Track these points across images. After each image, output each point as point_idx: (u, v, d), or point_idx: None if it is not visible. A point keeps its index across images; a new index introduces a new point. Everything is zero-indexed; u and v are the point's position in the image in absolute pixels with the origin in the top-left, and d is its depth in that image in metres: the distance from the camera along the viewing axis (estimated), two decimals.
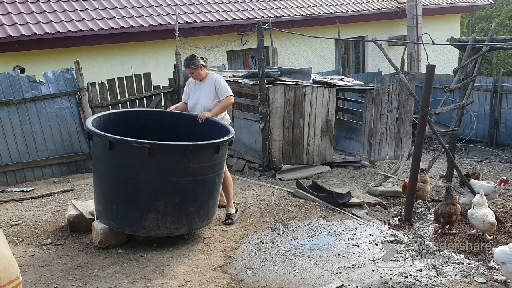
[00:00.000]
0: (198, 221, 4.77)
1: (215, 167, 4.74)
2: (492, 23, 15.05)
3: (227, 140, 4.79)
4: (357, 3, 13.28)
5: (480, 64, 7.59)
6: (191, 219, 4.69)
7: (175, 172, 4.49)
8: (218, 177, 4.91)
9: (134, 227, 4.58)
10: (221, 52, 11.02)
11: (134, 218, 4.54)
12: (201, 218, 4.79)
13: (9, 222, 5.46)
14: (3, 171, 7.40)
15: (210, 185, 4.78)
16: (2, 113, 7.30)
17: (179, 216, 4.63)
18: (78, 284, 3.98)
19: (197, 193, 4.66)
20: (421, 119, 5.70)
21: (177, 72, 8.91)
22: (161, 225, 4.56)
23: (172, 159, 4.47)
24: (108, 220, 4.66)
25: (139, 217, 4.51)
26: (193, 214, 4.69)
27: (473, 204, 5.26)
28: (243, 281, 4.17)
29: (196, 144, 4.52)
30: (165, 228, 4.60)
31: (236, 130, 8.46)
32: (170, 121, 5.46)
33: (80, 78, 7.79)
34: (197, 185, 4.64)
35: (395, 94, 8.71)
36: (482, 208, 5.14)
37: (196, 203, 4.67)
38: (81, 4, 9.77)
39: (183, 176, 4.51)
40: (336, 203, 6.17)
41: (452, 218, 5.36)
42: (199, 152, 4.57)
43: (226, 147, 4.95)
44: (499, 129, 11.22)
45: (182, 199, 4.57)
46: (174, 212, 4.59)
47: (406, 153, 7.59)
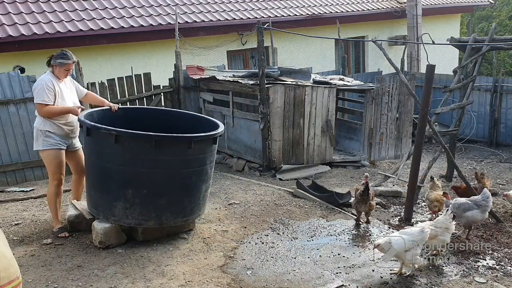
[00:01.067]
0: (170, 216, 4.73)
1: (190, 163, 4.66)
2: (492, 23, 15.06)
3: (200, 137, 4.68)
4: (357, 3, 13.28)
5: (480, 64, 7.58)
6: (161, 213, 4.67)
7: (142, 163, 4.51)
8: (197, 175, 4.76)
9: (106, 213, 4.73)
10: (221, 52, 11.01)
11: (106, 204, 4.69)
12: (174, 214, 4.74)
13: (9, 222, 5.46)
14: (3, 171, 7.40)
15: (186, 182, 4.70)
16: (2, 113, 7.30)
17: (148, 208, 4.64)
18: (78, 284, 3.98)
19: (167, 187, 4.64)
20: (421, 119, 5.70)
21: (177, 72, 8.92)
22: (129, 214, 4.63)
23: (139, 149, 4.49)
24: (90, 206, 4.82)
25: (109, 204, 4.66)
26: (164, 208, 4.67)
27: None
28: (243, 281, 4.17)
29: (163, 135, 4.50)
30: (133, 218, 4.65)
31: (236, 130, 8.56)
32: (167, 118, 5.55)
33: (80, 78, 7.78)
34: (167, 179, 4.61)
35: (395, 94, 8.71)
36: None
37: (167, 198, 4.65)
38: (81, 4, 9.77)
39: (151, 167, 4.52)
40: (336, 203, 6.17)
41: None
42: (168, 145, 4.56)
43: (205, 145, 4.75)
44: (499, 129, 11.22)
45: (150, 191, 4.58)
46: (142, 203, 4.61)
47: (406, 153, 7.59)
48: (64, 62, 4.94)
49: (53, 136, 4.95)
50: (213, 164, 5.07)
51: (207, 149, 4.79)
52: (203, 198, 4.97)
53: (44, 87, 4.84)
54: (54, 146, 4.96)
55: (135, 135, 4.47)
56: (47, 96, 4.83)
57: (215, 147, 4.95)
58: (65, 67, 4.97)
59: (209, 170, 4.93)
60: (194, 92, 9.21)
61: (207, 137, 4.74)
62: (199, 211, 5.01)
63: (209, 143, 4.81)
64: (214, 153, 5.03)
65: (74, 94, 5.22)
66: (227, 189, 6.85)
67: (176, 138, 4.62)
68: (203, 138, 4.70)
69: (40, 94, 4.84)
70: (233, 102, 8.45)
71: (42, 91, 4.83)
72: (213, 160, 5.01)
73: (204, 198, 5.02)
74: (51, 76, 4.96)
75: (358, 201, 5.51)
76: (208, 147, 4.81)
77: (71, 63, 4.99)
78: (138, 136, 4.48)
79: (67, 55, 4.98)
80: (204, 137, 4.72)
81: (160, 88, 8.87)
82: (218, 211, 5.85)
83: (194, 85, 9.17)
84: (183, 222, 4.92)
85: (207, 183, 4.98)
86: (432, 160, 6.96)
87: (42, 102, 4.83)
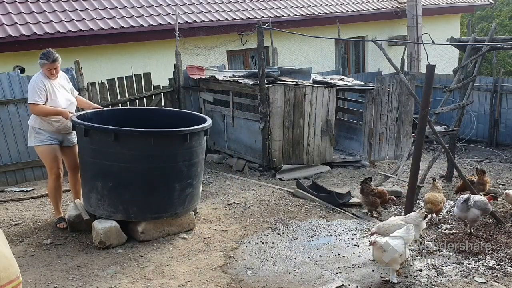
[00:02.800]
0: (137, 211, 4.75)
1: (154, 159, 4.63)
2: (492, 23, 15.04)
3: (162, 132, 4.69)
4: (357, 3, 13.28)
5: (480, 64, 7.58)
6: (128, 207, 4.73)
7: (106, 156, 4.65)
8: (166, 172, 4.72)
9: (86, 203, 5.02)
10: (221, 52, 11.01)
11: (85, 194, 5.00)
12: (141, 210, 4.75)
13: (9, 222, 5.46)
14: (3, 171, 7.40)
15: (151, 177, 4.69)
16: (2, 113, 7.30)
17: (115, 201, 4.73)
18: (78, 284, 3.98)
19: (131, 181, 4.67)
20: (421, 119, 5.70)
21: (177, 72, 8.91)
22: (101, 205, 4.78)
23: (103, 142, 4.64)
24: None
25: (87, 195, 4.89)
26: (129, 202, 4.71)
27: None
28: (243, 281, 4.16)
29: (122, 129, 4.63)
30: (104, 209, 4.78)
31: (236, 130, 8.56)
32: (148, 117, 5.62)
33: (80, 78, 7.79)
34: (130, 174, 4.65)
35: (395, 94, 8.71)
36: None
37: (131, 192, 4.68)
38: (81, 4, 9.77)
39: (115, 161, 4.62)
40: (336, 203, 6.17)
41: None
42: (130, 139, 4.62)
43: (171, 141, 4.69)
44: (499, 129, 11.22)
45: (116, 184, 4.69)
46: (110, 196, 4.72)
47: (406, 153, 7.59)
48: (42, 62, 4.98)
49: (43, 133, 5.05)
50: (195, 163, 4.91)
51: (177, 146, 4.72)
52: (179, 197, 4.85)
53: (35, 87, 4.93)
54: (45, 142, 5.08)
55: (97, 128, 4.69)
56: (38, 96, 4.91)
57: (190, 145, 4.79)
58: (46, 67, 4.98)
59: (184, 168, 4.80)
60: (194, 92, 9.21)
61: (171, 133, 4.71)
62: (175, 210, 4.89)
63: (178, 139, 4.71)
64: (192, 151, 4.86)
65: (68, 92, 5.24)
66: (227, 189, 6.85)
67: (133, 132, 4.67)
68: (166, 134, 4.70)
69: (32, 94, 4.94)
70: (233, 102, 8.44)
71: (34, 91, 4.92)
72: (190, 159, 4.84)
73: (181, 198, 4.88)
74: (42, 76, 5.01)
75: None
76: (179, 144, 4.72)
77: (49, 63, 4.96)
78: (99, 130, 4.68)
79: (46, 55, 4.98)
80: (167, 132, 4.72)
81: (160, 88, 8.87)
82: (218, 211, 5.84)
83: (194, 85, 9.17)
84: (154, 219, 4.86)
85: (183, 181, 4.84)
86: (432, 160, 6.96)
87: (33, 102, 4.93)
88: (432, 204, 5.66)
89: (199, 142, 4.94)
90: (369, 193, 6.01)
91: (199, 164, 5.05)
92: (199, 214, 5.59)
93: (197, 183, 5.07)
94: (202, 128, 4.92)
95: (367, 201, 6.02)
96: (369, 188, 6.03)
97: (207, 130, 5.06)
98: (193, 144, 4.84)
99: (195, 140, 4.84)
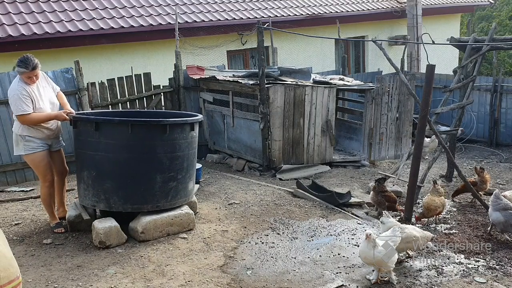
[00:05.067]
0: (118, 201, 4.78)
1: (133, 148, 4.69)
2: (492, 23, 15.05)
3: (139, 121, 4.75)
4: (357, 3, 13.28)
5: (480, 64, 7.58)
6: (109, 197, 4.78)
7: (88, 146, 4.78)
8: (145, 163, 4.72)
9: (78, 193, 5.20)
10: (221, 52, 11.02)
11: (77, 185, 5.16)
12: (121, 199, 4.78)
13: (9, 222, 5.46)
14: (3, 171, 7.40)
15: (130, 167, 4.71)
16: (2, 113, 7.30)
17: (98, 190, 4.81)
18: (78, 284, 3.98)
19: (111, 170, 4.74)
20: (421, 119, 5.70)
21: (177, 72, 8.92)
22: (87, 195, 4.88)
23: (85, 132, 4.80)
24: None
25: (78, 185, 5.11)
26: (111, 192, 4.77)
27: None
28: (243, 281, 4.16)
29: (103, 118, 4.82)
30: (89, 199, 4.89)
31: (236, 130, 8.56)
32: None
33: (80, 78, 7.79)
34: (110, 162, 4.73)
35: (395, 94, 8.71)
36: None
37: (111, 181, 4.75)
38: (81, 4, 9.77)
39: (96, 150, 4.73)
40: (336, 203, 6.17)
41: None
42: (109, 129, 4.72)
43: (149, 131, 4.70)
44: (499, 129, 11.22)
45: (98, 174, 4.77)
46: (94, 185, 4.81)
47: (406, 153, 7.59)
48: (21, 71, 4.70)
49: (34, 140, 4.89)
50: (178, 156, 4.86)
51: (156, 137, 4.74)
52: (161, 190, 4.84)
53: (19, 96, 4.65)
54: (37, 150, 4.92)
55: (81, 119, 4.90)
56: (26, 105, 4.68)
57: (171, 137, 4.78)
58: (25, 76, 4.71)
59: (165, 160, 4.80)
60: (194, 92, 9.21)
61: (148, 123, 4.77)
62: (157, 202, 4.87)
63: (157, 130, 4.73)
64: (174, 144, 4.82)
65: (50, 92, 5.05)
66: (227, 189, 6.85)
67: (112, 121, 4.84)
68: (143, 123, 4.75)
69: (17, 104, 4.66)
70: (233, 102, 8.45)
71: (19, 101, 4.65)
72: (172, 151, 4.82)
73: (164, 191, 4.87)
74: (23, 82, 4.74)
75: None
76: (158, 135, 4.74)
77: (29, 71, 4.67)
78: (83, 120, 4.87)
79: (24, 63, 4.67)
80: (144, 122, 4.78)
81: (160, 88, 8.87)
82: (218, 211, 5.85)
83: (194, 85, 9.17)
84: (134, 210, 4.86)
85: (165, 174, 4.82)
86: (432, 160, 6.96)
87: (23, 113, 4.69)
88: (428, 210, 5.66)
89: (183, 136, 4.92)
90: (379, 192, 6.05)
91: (185, 158, 4.98)
92: (199, 214, 5.59)
93: (182, 178, 5.00)
94: (184, 121, 4.92)
95: (375, 199, 6.09)
96: (381, 188, 6.08)
97: (193, 124, 5.02)
98: (175, 136, 4.84)
99: (177, 132, 4.85)
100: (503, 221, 5.04)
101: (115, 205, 4.81)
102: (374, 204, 6.21)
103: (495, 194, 5.22)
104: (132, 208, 4.85)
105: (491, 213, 5.19)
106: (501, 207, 5.09)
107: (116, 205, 4.81)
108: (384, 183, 6.22)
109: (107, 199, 4.80)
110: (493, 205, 5.16)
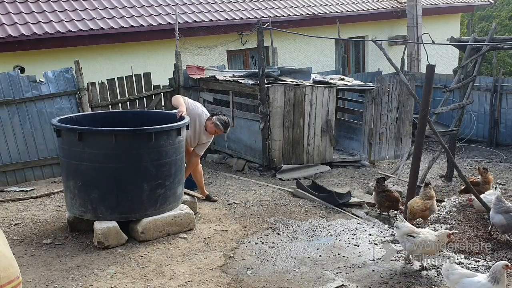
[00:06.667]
0: (105, 211, 4.74)
1: (117, 158, 4.64)
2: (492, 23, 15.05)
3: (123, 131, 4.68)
4: (357, 3, 13.27)
5: (480, 64, 7.59)
6: (96, 207, 4.74)
7: (73, 155, 4.73)
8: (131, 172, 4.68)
9: (65, 202, 5.16)
10: (221, 52, 11.01)
11: (64, 194, 5.13)
12: (109, 209, 4.73)
13: (9, 222, 5.46)
14: (3, 171, 7.39)
15: (116, 176, 4.67)
16: (2, 113, 7.29)
17: (84, 200, 4.77)
18: (78, 284, 3.98)
19: (97, 180, 4.69)
20: (421, 119, 5.70)
21: (177, 72, 8.91)
22: (74, 204, 4.84)
23: (70, 142, 4.70)
24: None
25: (64, 194, 5.09)
26: (97, 201, 4.73)
27: None
28: (243, 281, 4.16)
29: (86, 128, 4.75)
30: (76, 209, 4.85)
31: (236, 130, 8.56)
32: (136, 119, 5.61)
33: (80, 77, 7.78)
34: (95, 172, 4.68)
35: (395, 94, 8.71)
36: None
37: (98, 191, 4.71)
38: (81, 4, 9.76)
39: (80, 160, 4.68)
40: (336, 203, 6.17)
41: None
42: (93, 138, 4.67)
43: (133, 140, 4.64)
44: (499, 129, 11.21)
45: (84, 184, 4.73)
46: (80, 195, 4.78)
47: (406, 153, 7.59)
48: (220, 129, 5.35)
49: None
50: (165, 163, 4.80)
51: (141, 145, 4.66)
52: (148, 198, 4.78)
53: None
54: None
55: (64, 128, 4.78)
56: None
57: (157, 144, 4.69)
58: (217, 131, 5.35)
59: (151, 169, 4.73)
60: (194, 92, 9.20)
61: (133, 132, 4.69)
62: (145, 211, 4.81)
63: (142, 139, 4.65)
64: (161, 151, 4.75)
65: None
66: (227, 189, 6.85)
67: (95, 131, 4.75)
68: (127, 133, 4.69)
69: None
70: (233, 102, 8.44)
71: None
72: (159, 158, 4.74)
73: (152, 199, 4.80)
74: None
75: None
76: (144, 143, 4.65)
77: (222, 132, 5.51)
78: (66, 129, 4.77)
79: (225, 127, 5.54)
80: (128, 131, 4.71)
81: (160, 88, 8.87)
82: (218, 211, 5.85)
83: (194, 85, 9.17)
84: (122, 219, 4.80)
85: (152, 182, 4.75)
86: (432, 160, 6.97)
87: None
88: (411, 213, 5.59)
89: (170, 142, 4.81)
90: (379, 192, 6.08)
91: (172, 164, 4.89)
92: (199, 214, 5.59)
93: (171, 184, 4.92)
94: (170, 127, 4.80)
95: (376, 199, 6.16)
96: (381, 188, 6.11)
97: (179, 130, 4.90)
98: (161, 143, 4.75)
99: (163, 139, 4.75)
100: (505, 224, 5.05)
101: (103, 215, 4.74)
102: (376, 204, 6.22)
103: (497, 197, 5.22)
104: (120, 218, 4.79)
105: (493, 216, 5.19)
106: (503, 209, 5.09)
107: (104, 215, 4.74)
108: (384, 182, 6.22)
109: (94, 209, 4.75)
110: (495, 208, 5.16)
